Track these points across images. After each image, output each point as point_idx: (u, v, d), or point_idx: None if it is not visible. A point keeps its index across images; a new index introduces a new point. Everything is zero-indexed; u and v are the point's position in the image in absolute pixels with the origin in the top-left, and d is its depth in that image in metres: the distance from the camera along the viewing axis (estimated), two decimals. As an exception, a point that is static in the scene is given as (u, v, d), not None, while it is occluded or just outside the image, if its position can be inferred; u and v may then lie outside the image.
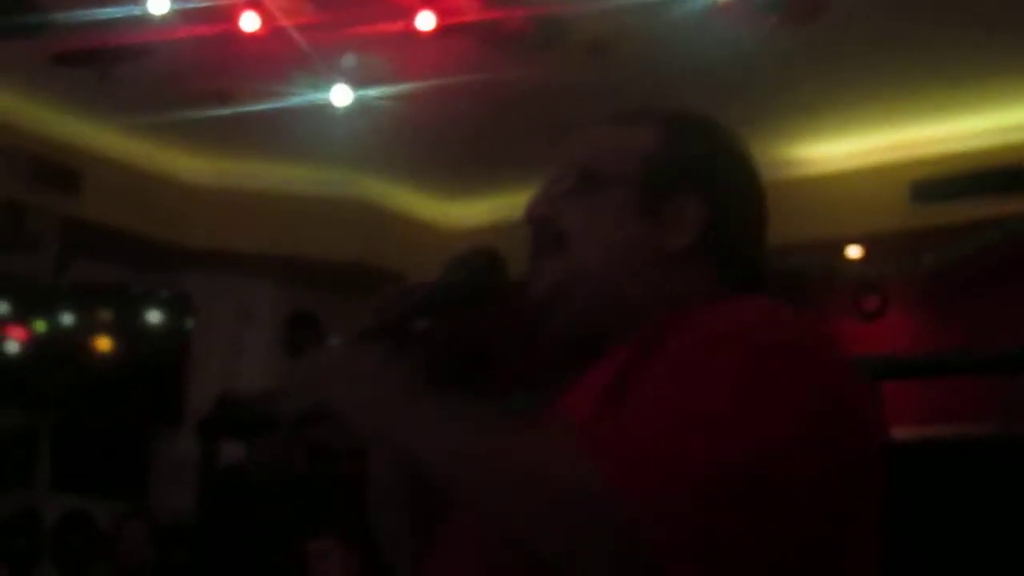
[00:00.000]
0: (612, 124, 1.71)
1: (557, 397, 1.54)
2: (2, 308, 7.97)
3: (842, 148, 7.63)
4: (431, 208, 9.00)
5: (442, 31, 6.27)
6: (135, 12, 6.04)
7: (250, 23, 6.23)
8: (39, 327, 7.99)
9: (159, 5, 6.01)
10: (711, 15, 6.03)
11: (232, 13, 6.23)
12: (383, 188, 8.65)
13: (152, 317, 8.37)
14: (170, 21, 6.12)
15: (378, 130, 7.46)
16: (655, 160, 1.63)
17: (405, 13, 6.21)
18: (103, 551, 6.83)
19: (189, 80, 6.64)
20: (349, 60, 6.51)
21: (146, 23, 6.12)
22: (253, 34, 6.30)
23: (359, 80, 6.75)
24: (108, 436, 8.19)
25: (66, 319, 8.07)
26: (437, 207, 9.01)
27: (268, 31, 6.29)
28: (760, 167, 1.70)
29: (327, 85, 6.78)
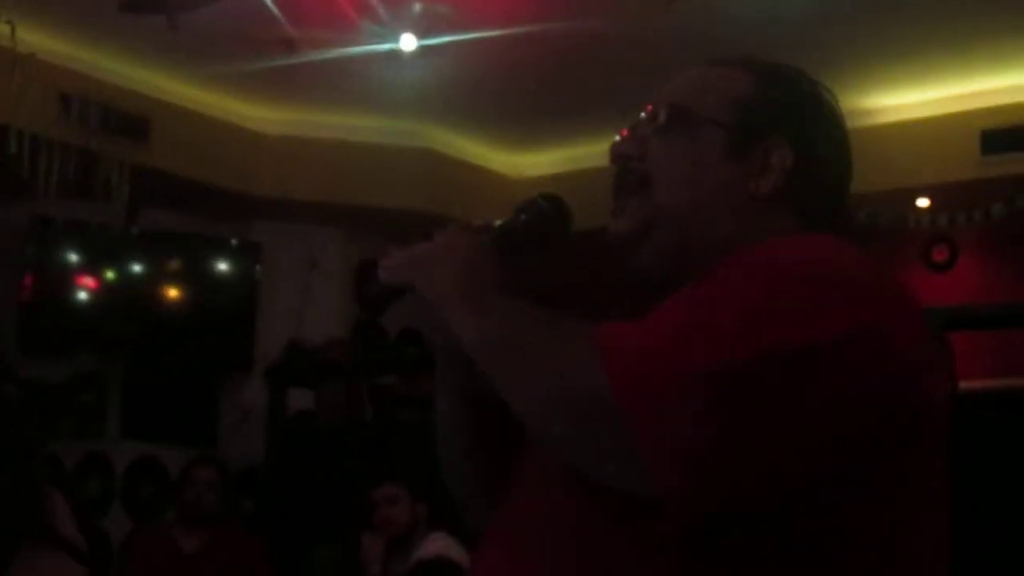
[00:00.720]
0: (706, 66, 1.71)
1: None
2: (73, 257, 8.05)
3: (912, 98, 7.56)
4: (497, 157, 9.00)
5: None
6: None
7: (318, -29, 6.23)
8: (110, 276, 8.06)
9: (227, -46, 6.03)
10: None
11: (300, -39, 6.24)
12: (449, 137, 8.66)
13: (221, 265, 8.44)
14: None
15: (444, 79, 7.46)
16: (747, 104, 1.63)
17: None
18: (172, 497, 6.91)
19: (256, 29, 6.64)
20: (416, 8, 6.50)
21: (214, -28, 6.14)
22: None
23: (426, 29, 6.74)
24: (178, 383, 8.26)
25: (136, 268, 8.14)
26: (503, 156, 9.01)
27: (336, -20, 6.29)
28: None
29: (394, 34, 6.78)
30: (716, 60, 1.72)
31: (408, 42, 6.82)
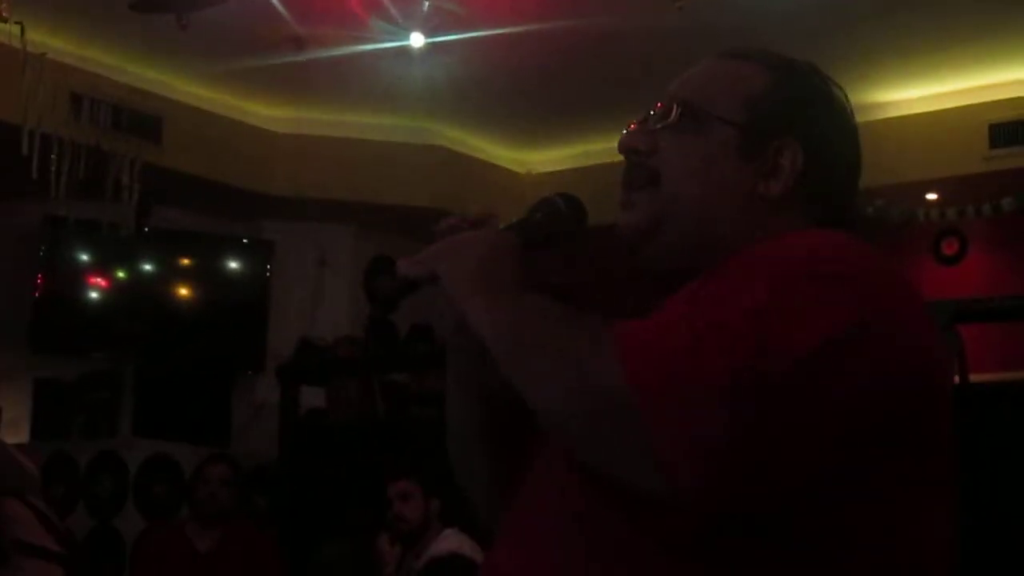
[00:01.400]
0: (719, 59, 1.70)
1: None
2: (85, 256, 8.07)
3: (921, 92, 7.57)
4: (506, 154, 9.01)
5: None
6: (213, -40, 6.08)
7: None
8: (121, 274, 8.08)
9: (237, -47, 6.04)
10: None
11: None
12: (459, 134, 8.67)
13: (233, 264, 8.45)
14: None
15: (454, 76, 7.47)
16: (759, 103, 1.62)
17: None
18: (186, 495, 6.92)
19: (267, 27, 6.66)
20: (425, 6, 6.51)
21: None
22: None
23: (435, 26, 6.75)
24: (190, 382, 8.27)
25: (148, 266, 8.16)
26: (512, 153, 9.02)
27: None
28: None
29: (404, 32, 6.79)
30: (729, 52, 1.70)
31: (417, 40, 6.84)
